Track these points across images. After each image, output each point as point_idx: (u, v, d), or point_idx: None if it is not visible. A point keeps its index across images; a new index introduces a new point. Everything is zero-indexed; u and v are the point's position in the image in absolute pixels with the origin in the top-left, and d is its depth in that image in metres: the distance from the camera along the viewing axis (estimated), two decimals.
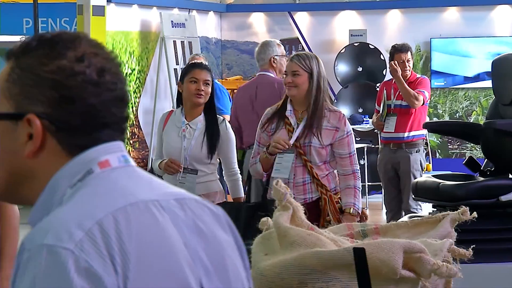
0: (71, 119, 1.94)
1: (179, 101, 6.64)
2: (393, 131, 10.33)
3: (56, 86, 1.92)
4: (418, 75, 10.67)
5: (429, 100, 10.81)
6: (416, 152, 10.67)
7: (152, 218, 1.91)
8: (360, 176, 6.23)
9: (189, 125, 6.41)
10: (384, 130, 10.44)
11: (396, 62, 10.14)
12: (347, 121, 6.13)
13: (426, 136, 11.26)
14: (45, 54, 1.94)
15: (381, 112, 10.58)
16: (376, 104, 10.63)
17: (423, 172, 11.11)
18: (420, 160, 10.69)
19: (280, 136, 5.97)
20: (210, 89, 6.37)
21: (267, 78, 8.92)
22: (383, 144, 10.43)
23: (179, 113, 6.52)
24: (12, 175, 1.98)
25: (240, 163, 8.67)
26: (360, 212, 6.02)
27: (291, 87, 5.90)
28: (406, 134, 10.36)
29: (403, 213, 10.64)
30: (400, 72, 9.89)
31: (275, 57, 8.90)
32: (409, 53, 9.70)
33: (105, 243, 1.80)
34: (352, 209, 5.90)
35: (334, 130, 5.86)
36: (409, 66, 9.70)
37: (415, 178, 10.03)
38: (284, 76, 6.16)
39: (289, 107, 5.97)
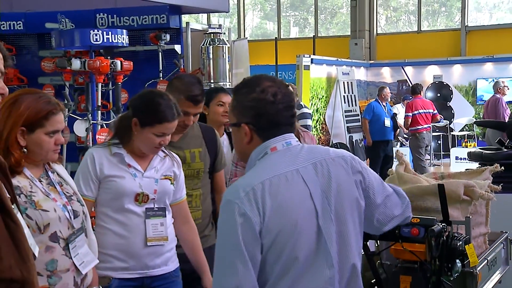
0: (263, 123, 1.99)
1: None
2: None
3: (252, 107, 1.98)
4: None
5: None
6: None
7: (286, 181, 1.91)
8: None
9: None
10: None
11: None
12: (316, 139, 4.68)
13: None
14: (245, 91, 2.00)
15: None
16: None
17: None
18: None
19: None
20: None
21: (495, 97, 11.23)
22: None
23: None
24: (243, 153, 2.08)
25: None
26: None
27: None
28: None
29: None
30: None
31: (500, 87, 11.02)
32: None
33: (254, 198, 1.87)
34: None
35: None
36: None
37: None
38: None
39: None
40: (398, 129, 11.60)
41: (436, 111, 11.35)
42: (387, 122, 10.90)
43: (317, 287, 1.92)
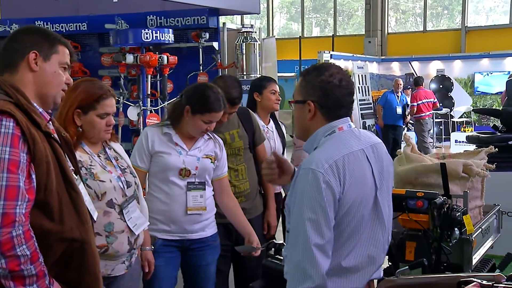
0: (328, 103, 1.92)
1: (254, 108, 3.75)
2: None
3: (321, 87, 1.91)
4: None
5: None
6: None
7: (358, 159, 1.88)
8: None
9: (267, 128, 3.79)
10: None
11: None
12: None
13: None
14: (315, 74, 1.92)
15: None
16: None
17: None
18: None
19: None
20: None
21: None
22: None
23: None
24: (303, 129, 1.99)
25: None
26: None
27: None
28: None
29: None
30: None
31: None
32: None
33: (337, 170, 1.81)
34: None
35: None
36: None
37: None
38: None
39: None
40: (408, 116, 11.52)
41: (436, 100, 11.56)
42: (399, 110, 10.97)
43: (374, 252, 1.92)
